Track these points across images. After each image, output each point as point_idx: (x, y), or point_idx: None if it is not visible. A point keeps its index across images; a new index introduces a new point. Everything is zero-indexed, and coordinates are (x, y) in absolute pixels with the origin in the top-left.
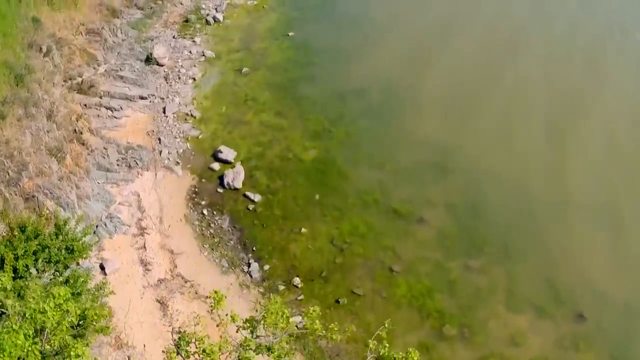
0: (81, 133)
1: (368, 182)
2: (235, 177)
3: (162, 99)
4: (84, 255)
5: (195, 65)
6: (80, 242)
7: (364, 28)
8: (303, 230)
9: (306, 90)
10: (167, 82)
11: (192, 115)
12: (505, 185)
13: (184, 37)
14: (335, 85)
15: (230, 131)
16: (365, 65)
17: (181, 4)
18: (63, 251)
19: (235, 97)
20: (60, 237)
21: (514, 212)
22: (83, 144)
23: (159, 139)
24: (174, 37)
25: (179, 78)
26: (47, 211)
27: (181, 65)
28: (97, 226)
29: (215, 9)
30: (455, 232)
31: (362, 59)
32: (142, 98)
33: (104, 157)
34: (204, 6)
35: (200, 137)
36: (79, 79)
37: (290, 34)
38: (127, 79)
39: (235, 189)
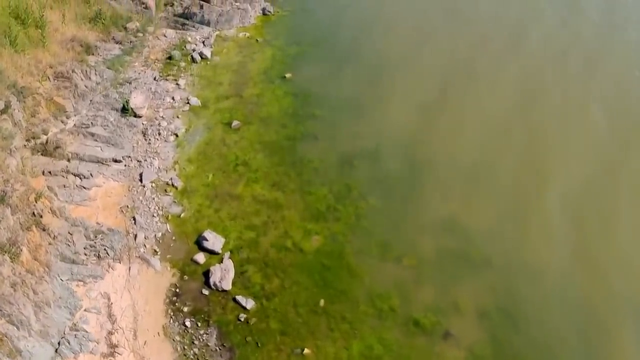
0: (41, 216)
1: (383, 282)
2: (224, 275)
3: (139, 162)
4: None
5: (178, 116)
6: None
7: (372, 69)
8: (306, 351)
9: (307, 152)
10: (146, 139)
11: (173, 184)
12: (544, 285)
13: (167, 79)
14: (340, 146)
15: (218, 209)
16: (375, 119)
17: (164, 36)
18: None
19: (224, 161)
20: None
21: (556, 319)
22: (44, 230)
23: (134, 218)
24: (155, 78)
25: (159, 134)
26: None
27: (162, 117)
28: (59, 343)
29: (203, 42)
30: (489, 350)
31: (372, 110)
32: (115, 161)
33: (68, 245)
34: (189, 39)
35: (182, 215)
36: (44, 138)
37: (287, 75)
38: (99, 136)
39: (224, 290)
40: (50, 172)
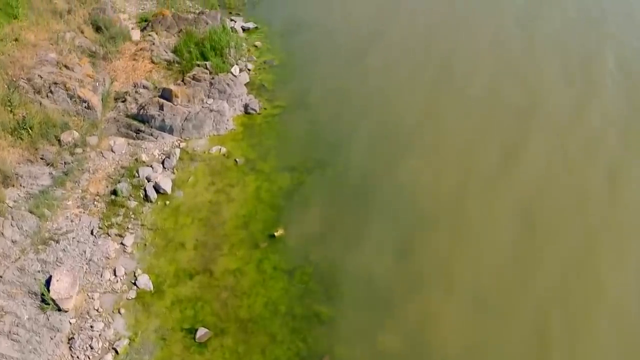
0: None
1: None
2: None
3: None
4: None
5: (120, 311)
6: None
7: (400, 220)
8: None
9: None
10: (72, 357)
11: None
12: None
13: (108, 234)
14: None
15: None
16: (408, 326)
17: (112, 150)
18: None
19: None
20: None
21: None
22: None
23: None
24: (92, 232)
25: (91, 347)
26: None
27: (97, 310)
28: None
29: (162, 162)
30: None
31: (402, 305)
32: None
33: None
34: (144, 157)
35: None
36: None
37: (277, 233)
38: (4, 357)
39: None
40: None
